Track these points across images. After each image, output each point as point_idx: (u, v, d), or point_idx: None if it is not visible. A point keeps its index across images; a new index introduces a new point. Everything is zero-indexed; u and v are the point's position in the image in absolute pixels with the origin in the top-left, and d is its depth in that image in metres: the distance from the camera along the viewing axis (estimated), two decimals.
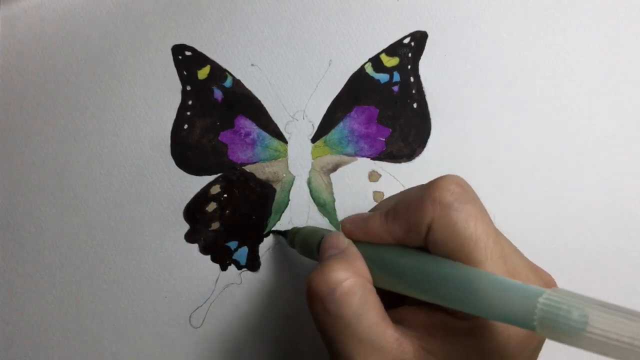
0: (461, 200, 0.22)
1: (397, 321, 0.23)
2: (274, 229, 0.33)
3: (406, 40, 0.34)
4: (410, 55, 0.34)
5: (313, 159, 0.34)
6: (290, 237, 0.31)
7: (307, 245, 0.29)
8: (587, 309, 0.17)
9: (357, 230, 0.25)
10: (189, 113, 0.33)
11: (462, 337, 0.21)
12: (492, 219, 0.23)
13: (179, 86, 0.34)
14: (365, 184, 0.34)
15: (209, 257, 0.33)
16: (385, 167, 0.34)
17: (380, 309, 0.22)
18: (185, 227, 0.33)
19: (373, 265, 0.24)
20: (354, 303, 0.21)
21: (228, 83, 0.34)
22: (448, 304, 0.21)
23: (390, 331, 0.22)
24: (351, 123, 0.34)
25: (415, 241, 0.23)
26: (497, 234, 0.22)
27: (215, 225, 0.33)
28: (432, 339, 0.22)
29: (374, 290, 0.23)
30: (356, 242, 0.25)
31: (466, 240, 0.21)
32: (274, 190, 0.34)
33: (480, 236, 0.21)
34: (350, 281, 0.22)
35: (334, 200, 0.34)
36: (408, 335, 0.22)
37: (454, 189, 0.22)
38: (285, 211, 0.34)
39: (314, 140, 0.34)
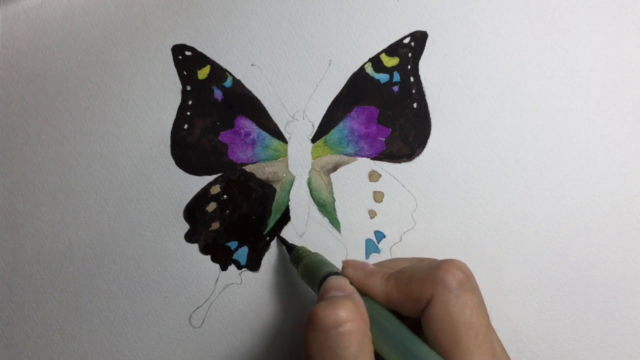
0: (463, 287, 0.23)
1: None
2: (282, 235, 0.33)
3: (406, 40, 0.34)
4: (410, 55, 0.34)
5: (313, 159, 0.34)
6: (295, 257, 0.31)
7: (310, 274, 0.29)
8: None
9: (357, 281, 0.26)
10: (189, 113, 0.33)
11: None
12: (489, 310, 0.24)
13: (179, 86, 0.34)
14: (365, 184, 0.34)
15: (209, 257, 0.33)
16: (385, 167, 0.34)
17: (373, 358, 0.23)
18: (185, 227, 0.33)
19: (371, 321, 0.24)
20: (353, 345, 0.22)
21: (228, 83, 0.34)
22: None
23: None
24: (351, 123, 0.34)
25: (410, 312, 0.24)
26: (490, 327, 0.24)
27: (215, 225, 0.33)
28: None
29: (371, 339, 0.23)
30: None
31: (460, 326, 0.23)
32: (274, 190, 0.34)
33: (473, 324, 0.23)
34: (355, 323, 0.23)
35: (334, 200, 0.34)
36: None
37: (458, 274, 0.24)
38: (286, 211, 0.34)
39: (314, 140, 0.34)
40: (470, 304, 0.23)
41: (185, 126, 0.33)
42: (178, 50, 0.34)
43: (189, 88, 0.34)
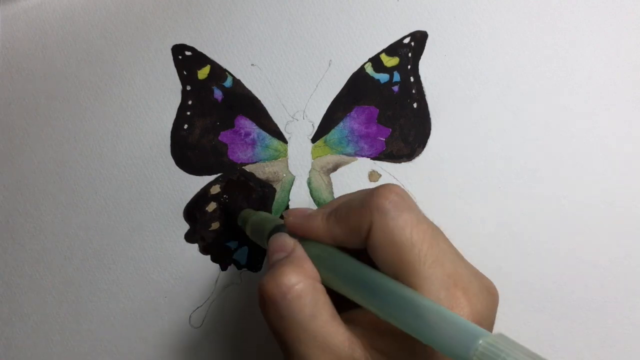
0: (398, 208, 0.23)
1: (347, 321, 0.23)
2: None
3: (406, 40, 0.34)
4: (410, 55, 0.34)
5: (313, 158, 0.34)
6: (241, 219, 0.31)
7: (258, 233, 0.29)
8: None
9: (300, 227, 0.26)
10: (189, 113, 0.33)
11: (409, 338, 0.22)
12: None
13: (179, 86, 0.34)
14: (365, 184, 0.34)
15: (209, 257, 0.33)
16: (385, 167, 0.34)
17: (331, 309, 0.23)
18: (185, 227, 0.33)
19: (319, 263, 0.24)
20: (306, 305, 0.22)
21: (228, 83, 0.34)
22: (388, 319, 0.22)
23: (341, 330, 0.23)
24: (351, 123, 0.34)
25: (355, 244, 0.24)
26: (436, 239, 0.23)
27: (215, 225, 0.33)
28: (381, 338, 0.23)
29: (324, 291, 0.23)
30: (301, 239, 0.26)
31: (402, 246, 0.22)
32: (274, 190, 0.34)
33: (415, 242, 0.22)
34: (301, 285, 0.23)
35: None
36: (358, 334, 0.23)
37: (392, 197, 0.23)
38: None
39: (314, 140, 0.34)
40: (410, 222, 0.23)
41: (185, 126, 0.33)
42: (178, 50, 0.34)
43: (189, 88, 0.34)
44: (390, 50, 0.34)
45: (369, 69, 0.34)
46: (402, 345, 0.22)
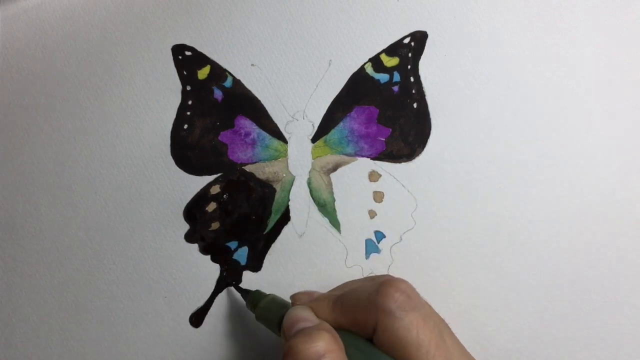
0: (404, 308, 0.24)
1: None
2: (239, 285, 0.33)
3: (406, 40, 0.34)
4: (410, 55, 0.34)
5: (313, 158, 0.34)
6: (252, 302, 0.30)
7: (270, 313, 0.29)
8: None
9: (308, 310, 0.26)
10: (189, 113, 0.33)
11: None
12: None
13: (179, 86, 0.34)
14: (365, 184, 0.34)
15: (209, 257, 0.33)
16: (385, 167, 0.34)
17: None
18: (185, 227, 0.33)
19: None
20: None
21: (228, 83, 0.34)
22: None
23: None
24: (351, 123, 0.34)
25: (363, 335, 0.25)
26: (442, 337, 0.24)
27: (215, 225, 0.33)
28: None
29: None
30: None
31: (408, 347, 0.23)
32: (274, 190, 0.34)
33: (422, 343, 0.23)
34: (334, 354, 0.23)
35: (334, 200, 0.34)
36: None
37: (398, 296, 0.24)
38: (286, 211, 0.34)
39: (314, 140, 0.34)
40: (415, 323, 0.23)
41: (185, 126, 0.33)
42: (178, 50, 0.34)
43: (189, 88, 0.34)
44: (390, 50, 0.34)
45: (369, 69, 0.34)
46: None
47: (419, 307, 0.24)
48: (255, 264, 0.33)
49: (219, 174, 0.34)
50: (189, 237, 0.33)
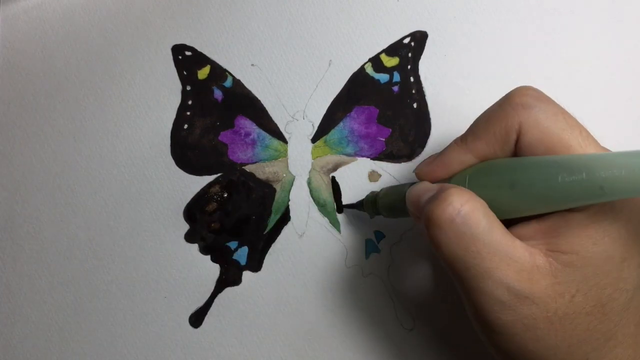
0: (542, 100, 0.23)
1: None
2: (346, 203, 0.33)
3: (406, 40, 0.34)
4: (410, 55, 0.34)
5: (313, 158, 0.34)
6: (370, 200, 0.30)
7: (393, 204, 0.28)
8: None
9: (435, 168, 0.25)
10: (189, 113, 0.33)
11: (585, 227, 0.22)
12: None
13: (179, 86, 0.34)
14: (365, 184, 0.34)
15: (209, 257, 0.33)
16: (385, 167, 0.34)
17: (503, 226, 0.22)
18: (185, 227, 0.33)
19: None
20: (482, 219, 0.22)
21: (228, 83, 0.34)
22: (575, 201, 0.21)
23: (518, 242, 0.22)
24: (351, 123, 0.34)
25: (503, 153, 0.23)
26: (581, 124, 0.23)
27: (215, 225, 0.33)
28: (556, 240, 0.22)
29: (488, 207, 0.23)
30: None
31: (562, 132, 0.22)
32: (274, 190, 0.34)
33: (573, 125, 0.22)
34: (471, 202, 0.22)
35: (334, 200, 0.34)
36: (532, 244, 0.22)
37: (531, 92, 0.23)
38: (286, 211, 0.34)
39: (314, 140, 0.34)
40: (559, 109, 0.23)
41: (185, 126, 0.33)
42: (178, 50, 0.34)
43: (189, 88, 0.34)
44: (390, 50, 0.34)
45: (369, 69, 0.34)
46: (579, 237, 0.22)
47: (552, 100, 0.23)
48: (255, 264, 0.33)
49: (219, 174, 0.34)
50: (189, 237, 0.33)
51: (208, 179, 0.33)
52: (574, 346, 0.22)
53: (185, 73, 0.34)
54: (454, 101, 0.34)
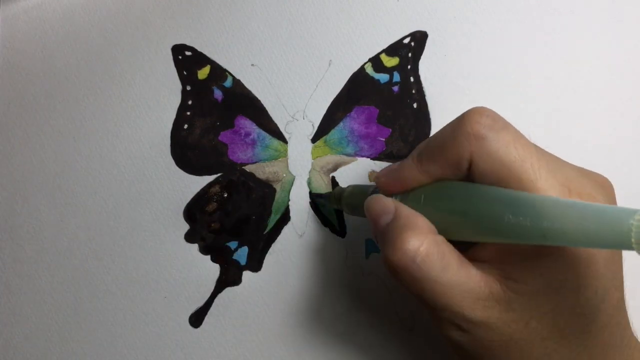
0: (494, 129, 0.22)
1: (472, 260, 0.23)
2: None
3: (406, 40, 0.34)
4: (410, 55, 0.34)
5: (313, 159, 0.34)
6: (335, 196, 0.31)
7: (356, 207, 0.29)
8: None
9: (393, 182, 0.26)
10: (189, 113, 0.33)
11: (532, 259, 0.22)
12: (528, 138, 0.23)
13: (179, 86, 0.34)
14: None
15: (209, 257, 0.33)
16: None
17: (458, 256, 0.23)
18: (185, 227, 0.33)
19: (430, 217, 0.24)
20: (434, 262, 0.22)
21: (228, 83, 0.34)
22: (520, 240, 0.21)
23: (473, 272, 0.23)
24: (351, 123, 0.34)
25: (456, 176, 0.24)
26: (538, 150, 0.23)
27: (216, 225, 0.33)
28: (509, 267, 0.22)
29: (444, 240, 0.23)
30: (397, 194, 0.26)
31: (512, 165, 0.22)
32: (274, 190, 0.34)
33: (524, 157, 0.22)
34: (424, 245, 0.22)
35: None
36: (487, 269, 0.23)
37: (484, 120, 0.23)
38: (286, 211, 0.34)
39: (314, 140, 0.34)
40: (512, 140, 0.22)
41: (185, 126, 0.33)
42: (178, 50, 0.34)
43: (189, 88, 0.34)
44: (390, 50, 0.34)
45: (369, 69, 0.34)
46: (534, 268, 0.22)
47: (508, 125, 0.23)
48: (255, 264, 0.33)
49: (219, 174, 0.34)
50: (189, 237, 0.33)
51: (208, 179, 0.33)
52: None
53: (185, 73, 0.34)
54: (454, 101, 0.34)
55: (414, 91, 0.34)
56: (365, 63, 0.34)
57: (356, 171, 0.34)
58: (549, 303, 0.22)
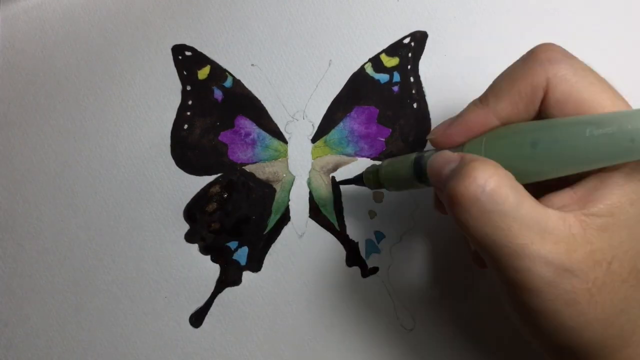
0: (569, 56, 0.22)
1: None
2: (340, 179, 0.33)
3: (406, 40, 0.34)
4: (410, 55, 0.34)
5: (313, 159, 0.34)
6: (371, 176, 0.29)
7: (398, 173, 0.27)
8: None
9: (455, 132, 0.24)
10: (189, 113, 0.33)
11: (621, 186, 0.20)
12: None
13: (179, 86, 0.34)
14: None
15: (209, 257, 0.33)
16: None
17: (531, 197, 0.21)
18: (185, 227, 0.33)
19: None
20: (509, 193, 0.20)
21: (228, 83, 0.34)
22: (603, 158, 0.20)
23: (550, 211, 0.20)
24: (351, 123, 0.34)
25: (527, 113, 0.22)
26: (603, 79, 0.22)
27: (216, 225, 0.33)
28: (591, 203, 0.21)
29: (514, 178, 0.21)
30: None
31: (592, 87, 0.21)
32: (274, 190, 0.34)
33: (602, 80, 0.21)
34: (496, 176, 0.20)
35: (334, 200, 0.34)
36: (564, 210, 0.21)
37: (557, 48, 0.22)
38: (286, 211, 0.34)
39: (314, 140, 0.34)
40: (586, 66, 0.21)
41: (185, 126, 0.33)
42: (178, 50, 0.34)
43: (189, 88, 0.34)
44: (390, 50, 0.34)
45: (369, 69, 0.34)
46: (613, 195, 0.20)
47: (577, 57, 0.22)
48: (255, 264, 0.33)
49: (219, 174, 0.34)
50: (189, 237, 0.33)
51: (208, 179, 0.33)
52: (612, 317, 0.21)
53: (185, 73, 0.34)
54: (454, 101, 0.34)
55: (414, 91, 0.34)
56: (365, 63, 0.34)
57: (356, 171, 0.34)
58: (631, 240, 0.20)
